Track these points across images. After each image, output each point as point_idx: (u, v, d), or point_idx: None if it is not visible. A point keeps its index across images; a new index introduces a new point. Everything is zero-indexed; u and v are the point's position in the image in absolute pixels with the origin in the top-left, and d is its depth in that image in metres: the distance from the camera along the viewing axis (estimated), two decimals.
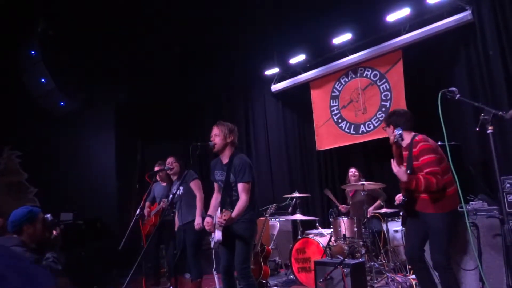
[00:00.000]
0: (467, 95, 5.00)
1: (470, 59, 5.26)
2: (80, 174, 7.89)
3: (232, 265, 3.38)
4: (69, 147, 7.96)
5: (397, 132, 3.03)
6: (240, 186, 3.28)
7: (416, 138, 3.14)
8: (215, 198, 3.58)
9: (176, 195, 4.36)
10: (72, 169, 7.87)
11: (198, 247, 4.45)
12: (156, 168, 5.20)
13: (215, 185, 3.59)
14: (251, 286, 3.27)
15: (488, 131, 2.39)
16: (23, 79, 6.78)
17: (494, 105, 4.59)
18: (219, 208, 3.37)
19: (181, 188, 4.48)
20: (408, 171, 3.03)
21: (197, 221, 4.24)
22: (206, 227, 3.42)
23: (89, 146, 8.15)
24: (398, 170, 2.96)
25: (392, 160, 3.07)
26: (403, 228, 4.76)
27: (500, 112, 2.37)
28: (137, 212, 4.54)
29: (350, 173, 5.79)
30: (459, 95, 2.68)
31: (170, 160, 4.73)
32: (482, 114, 2.41)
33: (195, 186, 4.51)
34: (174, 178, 4.76)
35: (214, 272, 4.78)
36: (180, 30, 6.97)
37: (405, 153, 3.24)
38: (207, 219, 3.43)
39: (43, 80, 6.65)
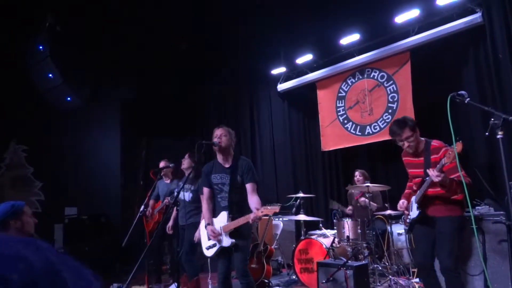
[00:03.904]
0: (475, 98, 4.95)
1: (479, 62, 5.22)
2: (85, 170, 7.92)
3: (230, 269, 3.38)
4: (74, 143, 8.00)
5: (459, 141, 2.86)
6: (249, 186, 3.32)
7: (435, 143, 3.09)
8: (208, 205, 3.47)
9: (181, 199, 4.43)
10: (77, 164, 7.91)
11: (195, 246, 4.42)
12: (161, 165, 5.22)
13: (205, 191, 3.49)
14: (251, 284, 3.29)
15: (498, 136, 2.35)
16: (30, 74, 6.82)
17: (503, 108, 4.54)
18: (225, 213, 3.32)
19: (190, 195, 4.53)
20: (427, 178, 2.98)
21: (197, 235, 4.18)
22: (213, 237, 3.31)
23: (95, 142, 8.19)
24: (443, 176, 2.83)
25: (430, 169, 2.90)
26: (407, 234, 4.72)
27: (511, 117, 2.33)
28: (141, 208, 4.56)
29: (355, 177, 5.75)
30: (468, 98, 2.64)
31: (186, 156, 4.80)
32: (492, 119, 2.38)
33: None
34: (187, 173, 4.75)
35: (210, 282, 4.79)
36: (186, 28, 6.97)
37: (420, 159, 3.19)
38: (209, 227, 3.33)
39: (50, 75, 6.68)
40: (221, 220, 3.33)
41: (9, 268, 0.41)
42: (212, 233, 3.30)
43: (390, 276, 4.51)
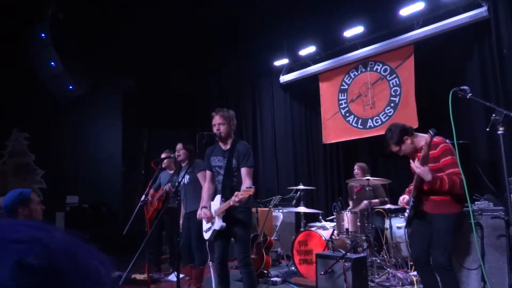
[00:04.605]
0: (478, 93, 4.93)
1: (484, 56, 5.18)
2: (86, 158, 7.96)
3: (226, 254, 3.41)
4: (76, 131, 8.03)
5: (433, 131, 2.91)
6: (244, 170, 3.29)
7: (435, 140, 3.08)
8: (208, 188, 3.54)
9: (181, 184, 4.37)
10: (79, 153, 7.95)
11: (202, 235, 4.46)
12: (162, 156, 5.22)
13: (208, 174, 3.56)
14: (252, 274, 3.32)
15: (499, 132, 2.35)
16: (33, 62, 6.81)
17: (506, 104, 4.52)
18: (219, 196, 3.37)
19: (187, 177, 4.50)
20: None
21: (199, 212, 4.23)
22: (204, 218, 3.38)
23: (96, 131, 8.21)
24: (423, 169, 2.86)
25: (412, 161, 2.97)
26: (406, 229, 4.74)
27: None
28: (142, 198, 4.58)
29: (354, 171, 5.77)
30: (470, 94, 2.63)
31: (178, 146, 4.75)
32: (494, 115, 2.37)
33: (202, 177, 4.50)
34: (184, 164, 4.76)
35: (210, 263, 4.80)
36: (188, 19, 6.92)
37: (418, 155, 3.19)
38: (204, 210, 3.39)
39: (52, 63, 6.67)
40: (216, 203, 3.38)
41: (24, 252, 0.38)
42: (204, 215, 3.35)
43: (388, 269, 4.55)
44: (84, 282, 0.41)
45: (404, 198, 3.31)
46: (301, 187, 5.47)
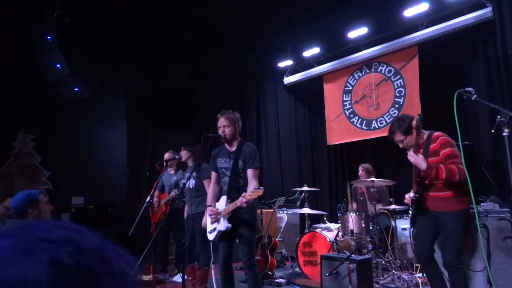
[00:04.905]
0: (483, 94, 4.90)
1: (488, 57, 5.15)
2: (92, 160, 8.00)
3: (231, 255, 3.42)
4: (81, 133, 8.07)
5: (420, 116, 2.92)
6: (250, 171, 3.31)
7: (435, 133, 3.09)
8: (213, 189, 3.57)
9: (186, 187, 4.42)
10: (85, 154, 7.99)
11: (206, 236, 4.48)
12: (166, 156, 5.26)
13: (213, 175, 3.59)
14: (256, 275, 3.33)
15: (504, 134, 2.35)
16: (39, 64, 6.86)
17: (511, 106, 4.50)
18: (224, 197, 3.39)
19: (193, 181, 4.55)
20: None
21: (204, 221, 4.21)
22: (210, 216, 3.38)
23: (102, 133, 8.26)
24: (417, 158, 2.87)
25: (408, 151, 2.98)
26: (412, 228, 4.73)
27: None
28: (147, 199, 4.61)
29: (358, 172, 5.76)
30: (475, 95, 2.63)
31: (181, 149, 4.82)
32: (499, 116, 2.37)
33: (208, 184, 4.52)
34: (190, 165, 4.80)
35: (212, 266, 4.81)
36: (193, 20, 6.94)
37: (420, 151, 3.20)
38: (210, 208, 3.42)
39: (58, 65, 6.71)
40: (221, 204, 3.40)
41: (57, 251, 0.39)
42: (211, 212, 3.36)
43: (393, 271, 4.53)
44: (112, 282, 0.41)
45: (409, 195, 3.32)
46: (305, 188, 5.47)
